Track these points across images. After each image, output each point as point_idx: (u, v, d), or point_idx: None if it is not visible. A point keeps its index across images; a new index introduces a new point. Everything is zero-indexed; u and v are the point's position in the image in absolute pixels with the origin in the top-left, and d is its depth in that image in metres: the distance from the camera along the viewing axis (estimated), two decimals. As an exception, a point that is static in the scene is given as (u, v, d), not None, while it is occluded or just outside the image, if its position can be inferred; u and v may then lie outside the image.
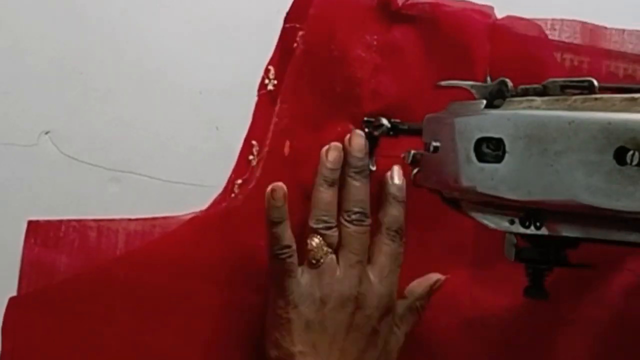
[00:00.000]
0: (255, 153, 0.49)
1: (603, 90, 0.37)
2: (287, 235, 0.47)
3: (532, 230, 0.37)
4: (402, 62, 0.52)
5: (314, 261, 0.47)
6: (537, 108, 0.37)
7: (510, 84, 0.41)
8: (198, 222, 0.47)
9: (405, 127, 0.49)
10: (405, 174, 0.51)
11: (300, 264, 0.47)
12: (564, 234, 0.36)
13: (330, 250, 0.47)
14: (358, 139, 0.49)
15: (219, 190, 0.50)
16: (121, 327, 0.46)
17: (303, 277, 0.47)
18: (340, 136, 0.50)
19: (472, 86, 0.47)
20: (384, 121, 0.49)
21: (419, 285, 0.51)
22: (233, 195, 0.48)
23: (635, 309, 0.50)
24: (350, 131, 0.50)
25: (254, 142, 0.49)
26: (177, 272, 0.46)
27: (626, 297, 0.50)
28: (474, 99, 0.44)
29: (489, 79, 0.49)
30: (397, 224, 0.49)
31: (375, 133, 0.50)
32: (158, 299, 0.46)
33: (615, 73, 0.55)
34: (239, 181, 0.49)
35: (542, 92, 0.40)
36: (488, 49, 0.53)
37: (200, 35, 0.52)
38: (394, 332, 0.50)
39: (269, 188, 0.46)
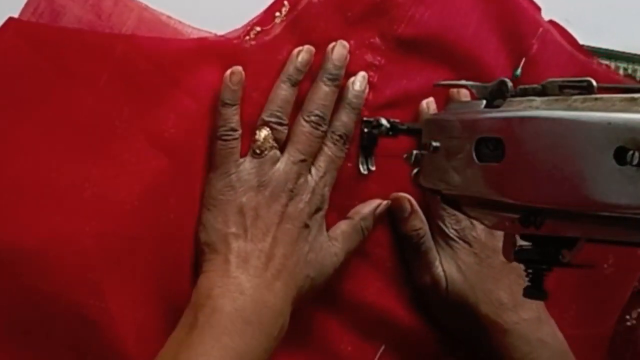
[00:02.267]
0: (283, 13, 0.49)
1: (602, 90, 0.37)
2: (236, 119, 0.47)
3: (532, 230, 0.37)
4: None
5: (258, 151, 0.47)
6: (537, 108, 0.37)
7: (510, 84, 0.41)
8: (205, 43, 0.47)
9: (405, 127, 0.49)
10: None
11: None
12: (564, 234, 0.36)
13: (276, 145, 0.48)
14: (341, 49, 0.49)
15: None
16: (103, 98, 0.44)
17: (244, 164, 0.47)
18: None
19: (472, 86, 0.47)
20: (383, 121, 0.49)
21: (364, 206, 0.52)
22: (247, 38, 0.48)
23: None
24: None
25: (285, 2, 0.50)
26: (169, 78, 0.45)
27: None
28: (476, 98, 0.44)
29: (519, 70, 0.50)
30: (342, 129, 0.50)
31: (375, 133, 0.50)
32: (141, 86, 0.45)
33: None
34: (258, 28, 0.49)
35: (542, 92, 0.40)
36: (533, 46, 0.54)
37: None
38: (331, 244, 0.50)
39: (229, 70, 0.47)
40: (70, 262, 0.42)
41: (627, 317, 0.61)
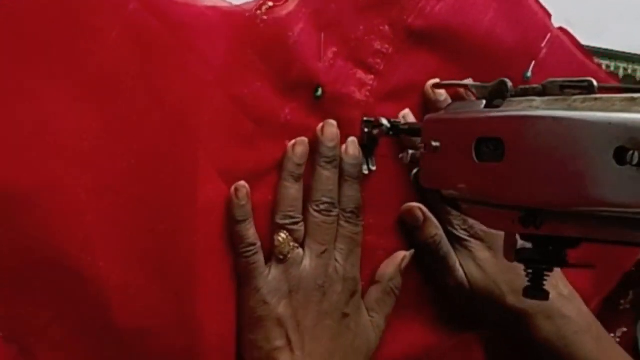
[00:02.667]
0: None
1: (602, 90, 0.37)
2: (251, 233, 0.46)
3: (532, 230, 0.37)
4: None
5: (281, 256, 0.47)
6: (537, 108, 0.37)
7: (510, 84, 0.41)
8: (220, 12, 0.46)
9: (405, 127, 0.49)
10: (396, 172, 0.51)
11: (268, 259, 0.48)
12: (564, 234, 0.36)
13: (296, 245, 0.47)
14: (330, 128, 0.49)
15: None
16: (111, 53, 0.43)
17: (271, 273, 0.47)
18: None
19: (472, 86, 0.47)
20: (384, 121, 0.49)
21: (388, 266, 0.52)
22: (259, 12, 0.47)
23: None
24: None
25: None
26: (181, 41, 0.45)
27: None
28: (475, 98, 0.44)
29: (530, 73, 0.50)
30: (352, 204, 0.49)
31: (375, 132, 0.50)
32: (152, 46, 0.44)
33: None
34: (270, 4, 0.48)
35: (542, 92, 0.40)
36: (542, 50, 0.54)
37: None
38: (371, 318, 0.50)
39: (233, 187, 0.46)
40: (62, 211, 0.41)
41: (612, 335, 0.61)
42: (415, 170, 0.47)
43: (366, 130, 0.50)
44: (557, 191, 0.34)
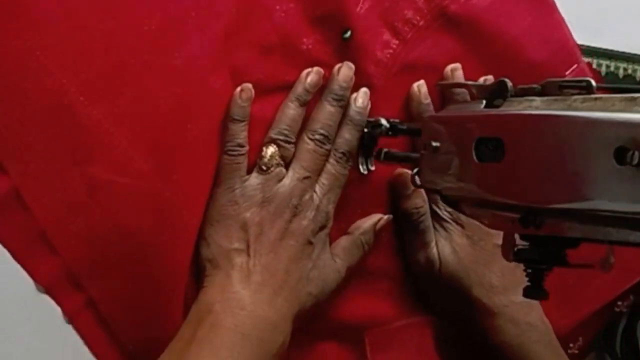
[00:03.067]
0: None
1: (601, 90, 0.37)
2: (243, 135, 0.47)
3: (532, 230, 0.37)
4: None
5: (264, 167, 0.48)
6: (537, 108, 0.37)
7: (510, 84, 0.41)
8: None
9: (404, 127, 0.49)
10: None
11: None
12: (564, 234, 0.36)
13: (282, 163, 0.48)
14: (348, 70, 0.50)
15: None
16: None
17: (249, 180, 0.47)
18: None
19: (472, 86, 0.47)
20: (383, 121, 0.49)
21: (364, 221, 0.52)
22: None
23: None
24: None
25: None
26: None
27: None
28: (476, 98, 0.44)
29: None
30: (346, 147, 0.50)
31: (374, 133, 0.50)
32: None
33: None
34: None
35: (541, 93, 0.40)
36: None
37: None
38: (334, 261, 0.50)
39: (239, 88, 0.47)
40: (72, 46, 0.42)
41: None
42: (415, 170, 0.47)
43: (365, 130, 0.50)
44: (557, 191, 0.34)
